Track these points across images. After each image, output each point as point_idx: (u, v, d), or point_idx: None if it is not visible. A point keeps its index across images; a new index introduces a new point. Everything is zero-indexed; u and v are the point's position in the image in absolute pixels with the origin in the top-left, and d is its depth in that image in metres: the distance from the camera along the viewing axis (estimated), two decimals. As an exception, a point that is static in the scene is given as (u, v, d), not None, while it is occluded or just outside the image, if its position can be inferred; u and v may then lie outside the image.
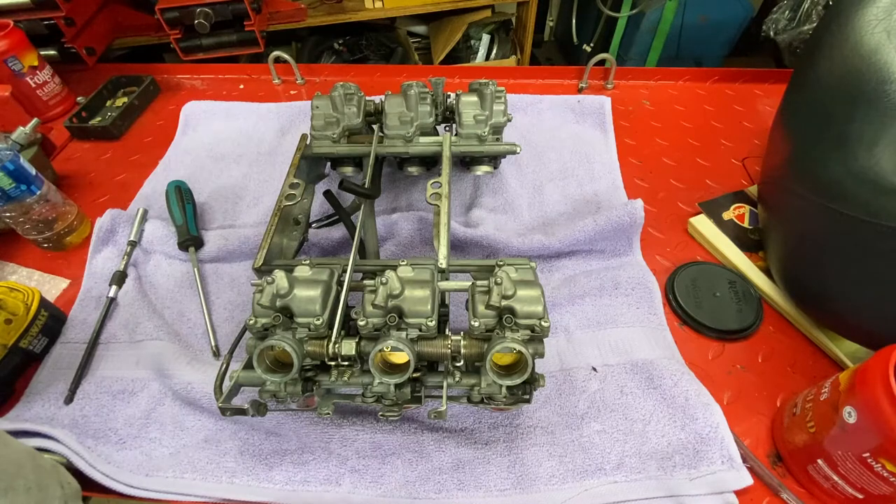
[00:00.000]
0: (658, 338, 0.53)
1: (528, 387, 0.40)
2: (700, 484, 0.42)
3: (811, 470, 0.41)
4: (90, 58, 0.97)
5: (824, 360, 0.52)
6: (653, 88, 0.89)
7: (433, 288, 0.40)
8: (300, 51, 1.72)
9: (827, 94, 0.51)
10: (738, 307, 0.55)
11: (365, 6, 1.57)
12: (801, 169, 0.51)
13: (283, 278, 0.38)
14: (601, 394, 0.49)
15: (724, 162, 0.74)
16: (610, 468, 0.44)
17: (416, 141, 0.61)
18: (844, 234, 0.45)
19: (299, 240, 0.57)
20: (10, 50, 0.79)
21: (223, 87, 0.95)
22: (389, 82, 0.93)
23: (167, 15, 1.01)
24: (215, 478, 0.44)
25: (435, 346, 0.39)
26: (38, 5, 0.88)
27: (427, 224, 0.61)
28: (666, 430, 0.46)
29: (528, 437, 0.46)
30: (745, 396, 0.50)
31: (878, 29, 0.48)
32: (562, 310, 0.56)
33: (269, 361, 0.39)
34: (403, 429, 0.47)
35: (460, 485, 0.43)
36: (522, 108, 0.83)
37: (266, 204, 0.70)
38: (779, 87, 0.85)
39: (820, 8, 1.10)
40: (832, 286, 0.49)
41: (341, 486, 0.43)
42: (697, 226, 0.63)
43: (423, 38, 1.92)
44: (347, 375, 0.40)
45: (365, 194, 0.54)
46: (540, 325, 0.38)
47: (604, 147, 0.77)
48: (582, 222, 0.60)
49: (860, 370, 0.37)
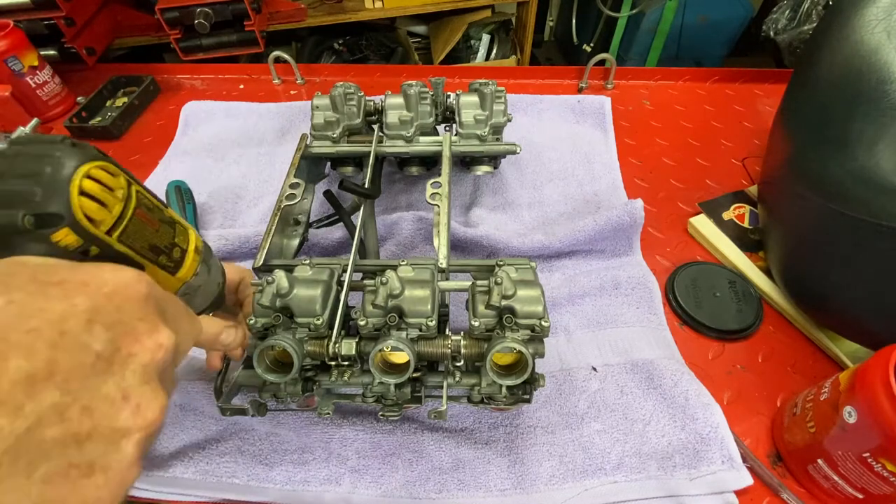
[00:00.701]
0: (658, 338, 0.53)
1: (529, 387, 0.40)
2: (700, 484, 0.42)
3: (811, 470, 0.41)
4: (90, 58, 0.97)
5: (824, 360, 0.52)
6: (653, 88, 0.89)
7: (433, 288, 0.40)
8: (300, 51, 1.72)
9: (827, 94, 0.51)
10: (738, 307, 0.55)
11: (365, 6, 1.57)
12: (801, 169, 0.51)
13: (284, 278, 0.38)
14: (601, 394, 0.49)
15: (724, 162, 0.74)
16: (610, 468, 0.44)
17: (416, 141, 0.61)
18: (844, 234, 0.45)
19: (299, 240, 0.57)
20: (10, 50, 0.79)
21: (223, 87, 0.95)
22: (389, 82, 0.93)
23: (167, 15, 1.01)
24: (215, 478, 0.44)
25: (435, 346, 0.39)
26: (38, 5, 0.88)
27: (427, 224, 0.61)
28: (666, 429, 0.46)
29: (528, 437, 0.46)
30: (745, 396, 0.50)
31: (878, 29, 0.48)
32: (562, 310, 0.56)
33: (269, 361, 0.39)
34: (403, 429, 0.47)
35: (460, 485, 0.43)
36: (522, 108, 0.83)
37: (266, 204, 0.70)
38: (779, 87, 0.84)
39: (820, 8, 1.10)
40: (832, 286, 0.49)
41: (341, 486, 0.43)
42: (697, 226, 0.63)
43: (423, 38, 1.92)
44: (347, 375, 0.40)
45: (365, 194, 0.54)
46: (540, 325, 0.38)
47: (604, 147, 0.77)
48: (582, 222, 0.60)
49: (860, 370, 0.37)
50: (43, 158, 0.23)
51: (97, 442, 0.18)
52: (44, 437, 0.16)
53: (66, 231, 0.23)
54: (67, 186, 0.23)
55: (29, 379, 0.16)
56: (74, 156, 0.24)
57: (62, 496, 0.17)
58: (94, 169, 0.25)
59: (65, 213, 0.23)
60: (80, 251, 0.25)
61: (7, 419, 0.15)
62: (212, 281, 0.37)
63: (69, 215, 0.23)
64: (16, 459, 0.15)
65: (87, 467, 0.17)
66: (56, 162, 0.23)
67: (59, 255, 0.23)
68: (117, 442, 0.18)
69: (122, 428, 0.19)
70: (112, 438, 0.18)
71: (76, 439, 0.17)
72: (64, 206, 0.23)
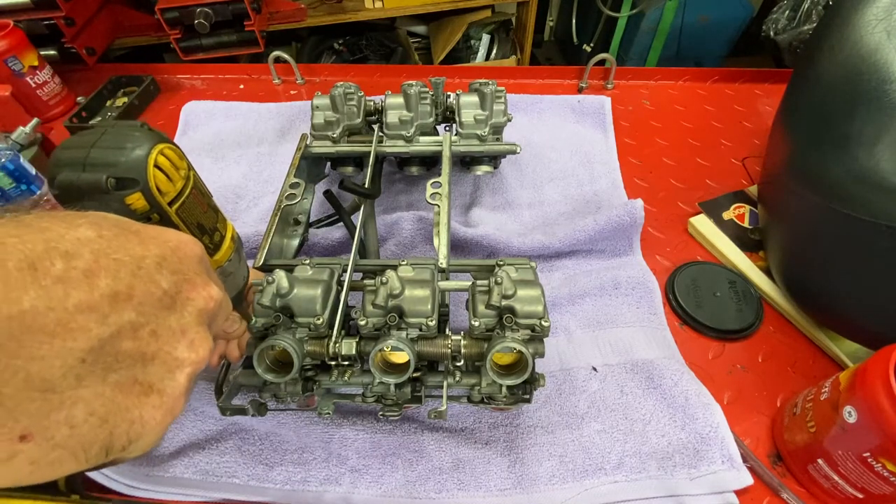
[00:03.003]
0: (658, 338, 0.53)
1: (529, 386, 0.40)
2: (700, 484, 0.42)
3: (811, 470, 0.41)
4: (90, 58, 0.97)
5: (824, 359, 0.52)
6: (653, 88, 0.89)
7: (433, 288, 0.40)
8: (300, 51, 1.72)
9: (827, 94, 0.51)
10: (738, 307, 0.55)
11: (365, 6, 1.57)
12: (801, 169, 0.51)
13: (284, 278, 0.38)
14: (601, 393, 0.49)
15: (724, 162, 0.74)
16: (610, 468, 0.44)
17: (416, 141, 0.61)
18: (844, 234, 0.45)
19: (299, 240, 0.57)
20: (10, 50, 0.79)
21: (223, 87, 0.95)
22: (389, 82, 0.93)
23: (167, 15, 1.01)
24: (215, 477, 0.44)
25: (435, 346, 0.39)
26: (38, 5, 0.88)
27: (427, 224, 0.61)
28: (666, 429, 0.46)
29: (528, 437, 0.46)
30: (745, 396, 0.50)
31: (878, 29, 0.48)
32: (562, 309, 0.56)
33: (269, 361, 0.39)
34: (403, 428, 0.47)
35: (460, 484, 0.43)
36: (522, 108, 0.83)
37: (266, 204, 0.70)
38: (779, 87, 0.84)
39: (820, 8, 1.10)
40: (832, 286, 0.49)
41: (341, 486, 0.43)
42: (697, 226, 0.63)
43: (423, 38, 1.92)
44: (348, 375, 0.40)
45: (365, 194, 0.54)
46: (540, 325, 0.38)
47: (604, 147, 0.77)
48: (582, 222, 0.60)
49: (860, 370, 0.37)
50: (127, 136, 0.29)
51: (158, 366, 0.21)
52: (119, 348, 0.19)
53: (138, 196, 0.29)
54: (145, 159, 0.28)
55: (114, 296, 0.19)
56: (152, 137, 0.30)
57: (126, 406, 0.19)
58: (167, 149, 0.30)
59: (140, 179, 0.28)
60: (145, 216, 0.30)
61: (96, 324, 0.18)
62: (239, 274, 0.40)
63: (143, 182, 0.28)
64: (97, 360, 0.18)
65: (147, 386, 0.20)
66: (137, 140, 0.29)
67: (129, 217, 0.26)
68: (173, 371, 0.21)
69: (179, 358, 0.21)
70: (170, 366, 0.21)
71: (143, 358, 0.20)
72: (140, 174, 0.28)
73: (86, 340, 0.18)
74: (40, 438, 0.17)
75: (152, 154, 0.29)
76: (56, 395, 0.17)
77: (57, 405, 0.17)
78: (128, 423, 0.19)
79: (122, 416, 0.19)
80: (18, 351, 0.16)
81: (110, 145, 0.28)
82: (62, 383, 0.17)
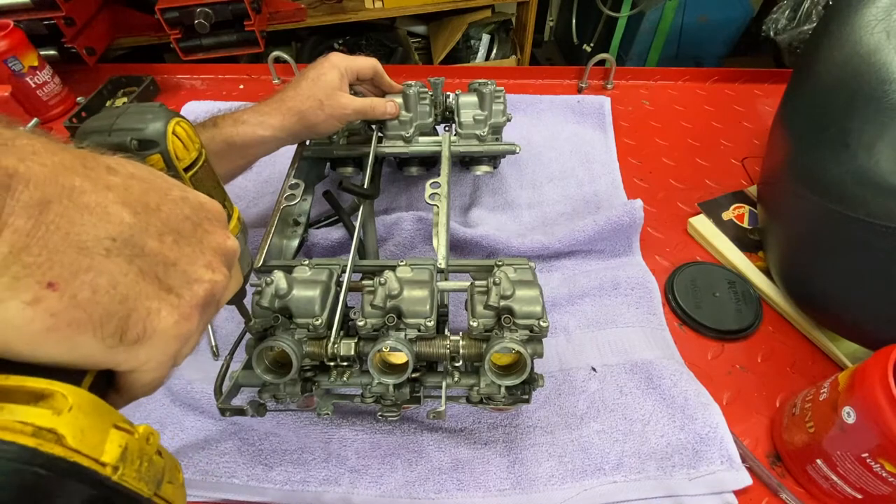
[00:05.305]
0: (657, 338, 0.53)
1: (528, 387, 0.40)
2: (699, 484, 0.42)
3: (810, 470, 0.41)
4: (90, 58, 0.97)
5: (824, 360, 0.52)
6: (652, 88, 0.89)
7: (432, 288, 0.40)
8: (300, 51, 1.72)
9: (827, 94, 0.51)
10: (738, 307, 0.55)
11: (365, 6, 1.57)
12: (801, 169, 0.51)
13: (283, 279, 0.38)
14: (600, 394, 0.49)
15: (723, 162, 0.74)
16: (609, 468, 0.44)
17: (415, 141, 0.61)
18: (844, 234, 0.45)
19: (299, 240, 0.57)
20: (10, 50, 0.79)
21: (223, 87, 0.95)
22: (389, 82, 0.93)
23: (167, 15, 1.01)
24: (214, 477, 0.44)
25: (434, 347, 0.39)
26: (38, 5, 0.88)
27: (426, 224, 0.61)
28: (665, 430, 0.46)
29: (527, 437, 0.46)
30: (744, 396, 0.50)
31: (877, 29, 0.48)
32: (561, 310, 0.56)
33: (268, 362, 0.39)
34: (402, 429, 0.47)
35: (459, 485, 0.43)
36: (522, 108, 0.83)
37: (266, 204, 0.70)
38: (779, 87, 0.84)
39: (820, 8, 1.10)
40: (832, 286, 0.49)
41: (340, 486, 0.43)
42: (697, 226, 0.63)
43: (423, 38, 1.92)
44: (346, 376, 0.40)
45: (364, 194, 0.54)
46: (539, 325, 0.38)
47: (603, 147, 0.76)
48: (581, 222, 0.60)
49: (859, 370, 0.37)
50: (147, 110, 0.33)
51: (178, 273, 0.22)
52: (146, 245, 0.21)
53: (158, 157, 0.32)
54: (165, 127, 0.32)
55: (145, 204, 0.22)
56: (170, 113, 0.33)
57: (146, 293, 0.21)
58: (183, 122, 0.34)
59: (160, 142, 0.32)
60: None
61: (130, 216, 0.21)
62: (244, 260, 0.41)
63: (163, 145, 0.32)
64: (125, 245, 0.20)
65: (167, 286, 0.22)
66: (157, 112, 0.33)
67: None
68: (191, 283, 0.23)
69: (197, 274, 0.23)
70: (188, 278, 0.23)
71: (164, 261, 0.22)
72: (160, 138, 0.32)
73: (118, 225, 0.20)
74: (65, 292, 0.18)
75: (170, 124, 0.32)
76: (87, 258, 0.19)
77: (85, 267, 0.19)
78: (145, 311, 0.21)
79: (141, 301, 0.20)
80: (66, 212, 0.19)
81: (133, 116, 0.32)
82: (94, 248, 0.19)
